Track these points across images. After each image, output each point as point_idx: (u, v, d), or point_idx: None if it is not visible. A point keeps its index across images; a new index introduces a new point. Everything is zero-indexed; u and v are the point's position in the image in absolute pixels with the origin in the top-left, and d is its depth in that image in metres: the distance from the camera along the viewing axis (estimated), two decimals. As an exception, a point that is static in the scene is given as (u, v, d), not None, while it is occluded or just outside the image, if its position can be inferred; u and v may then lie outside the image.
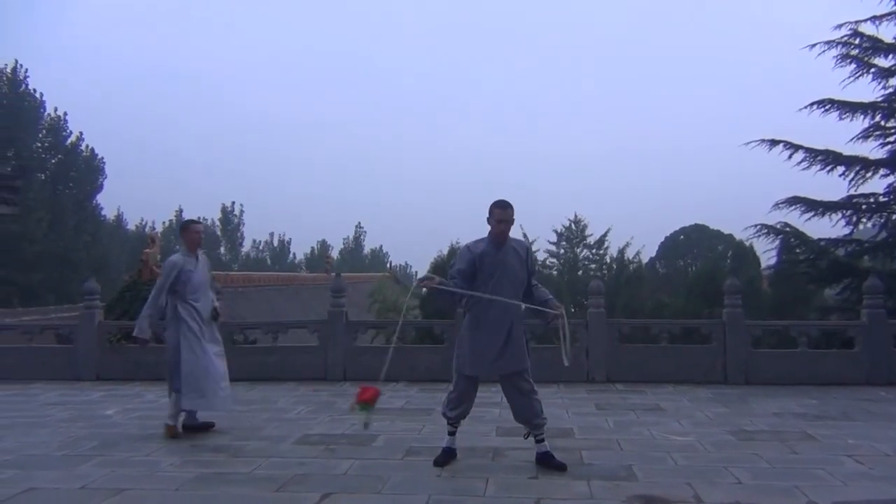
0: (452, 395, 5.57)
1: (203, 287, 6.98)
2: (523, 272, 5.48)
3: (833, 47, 14.67)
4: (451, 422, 5.62)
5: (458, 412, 5.58)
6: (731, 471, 5.23)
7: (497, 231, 5.35)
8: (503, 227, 5.34)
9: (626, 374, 9.72)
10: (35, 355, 11.09)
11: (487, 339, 5.32)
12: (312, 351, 10.51)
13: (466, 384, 5.52)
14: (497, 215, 5.32)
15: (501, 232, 5.35)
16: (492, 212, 5.36)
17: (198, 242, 7.13)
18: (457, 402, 5.55)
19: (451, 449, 5.61)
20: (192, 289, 6.85)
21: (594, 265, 27.74)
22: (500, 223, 5.33)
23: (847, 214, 14.36)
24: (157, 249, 15.66)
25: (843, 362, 9.55)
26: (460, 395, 5.53)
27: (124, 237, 48.04)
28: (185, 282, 6.81)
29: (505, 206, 5.33)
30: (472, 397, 5.63)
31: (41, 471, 5.48)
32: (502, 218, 5.32)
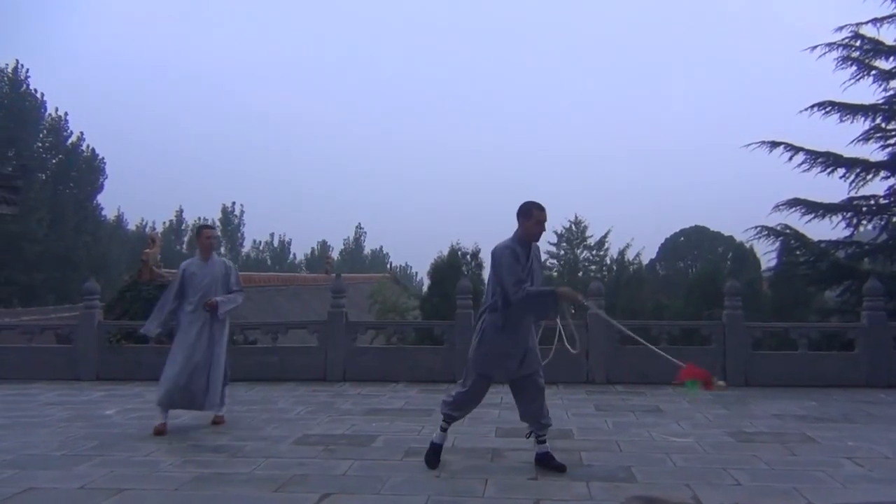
0: (463, 395, 5.46)
1: (210, 289, 7.16)
2: (541, 271, 5.53)
3: (834, 49, 14.70)
4: (447, 419, 5.56)
5: (462, 413, 5.57)
6: (730, 472, 5.23)
7: (536, 232, 5.35)
8: (540, 229, 5.35)
9: (625, 376, 9.72)
10: (35, 355, 11.11)
11: (515, 341, 5.28)
12: (312, 351, 10.52)
13: (482, 385, 5.48)
14: (537, 216, 5.30)
15: (538, 234, 5.37)
16: (530, 213, 5.30)
17: (209, 246, 7.41)
18: (465, 403, 5.51)
19: (440, 446, 5.55)
20: (194, 291, 7.09)
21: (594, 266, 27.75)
22: (539, 224, 5.32)
23: (847, 216, 14.37)
24: (157, 249, 15.69)
25: (843, 364, 9.55)
26: (473, 396, 5.49)
27: (124, 237, 48.07)
28: (188, 284, 7.13)
29: (541, 208, 5.33)
30: (481, 400, 5.60)
31: (41, 470, 5.48)
32: (541, 219, 5.32)
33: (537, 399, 5.40)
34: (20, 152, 34.74)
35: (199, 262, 7.31)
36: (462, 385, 5.54)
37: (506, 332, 5.28)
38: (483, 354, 5.36)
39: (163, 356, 10.34)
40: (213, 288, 7.19)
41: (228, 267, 7.52)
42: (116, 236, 45.38)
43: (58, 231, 33.85)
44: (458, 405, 5.51)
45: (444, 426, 5.58)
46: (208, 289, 7.16)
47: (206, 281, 7.18)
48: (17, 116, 35.18)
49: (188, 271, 7.22)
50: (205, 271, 7.24)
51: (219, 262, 7.48)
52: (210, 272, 7.25)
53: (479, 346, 5.39)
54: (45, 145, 37.25)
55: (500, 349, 5.30)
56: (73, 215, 35.41)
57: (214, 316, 7.13)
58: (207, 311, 7.07)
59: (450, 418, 5.56)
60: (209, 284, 7.18)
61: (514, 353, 5.29)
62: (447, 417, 5.55)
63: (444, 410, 5.56)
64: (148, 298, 13.43)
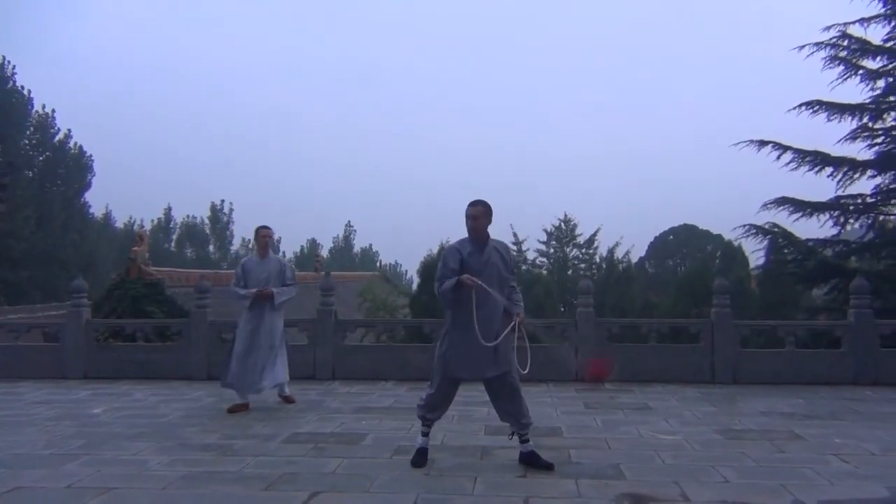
0: (432, 396, 5.52)
1: (267, 284, 7.88)
2: (506, 272, 5.48)
3: (822, 49, 14.79)
4: (427, 423, 5.59)
5: (436, 414, 5.58)
6: (718, 470, 5.25)
7: (468, 228, 5.38)
8: (471, 224, 5.36)
9: (614, 373, 9.73)
10: (22, 354, 11.03)
11: (477, 342, 5.21)
12: (301, 350, 10.46)
13: (449, 386, 5.51)
14: (466, 213, 5.38)
15: (472, 228, 5.37)
16: (466, 211, 5.42)
17: (265, 244, 8.15)
18: (436, 405, 5.54)
19: (425, 449, 5.57)
20: (253, 286, 7.87)
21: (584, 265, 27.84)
22: (468, 219, 5.37)
23: (835, 215, 14.46)
24: (145, 248, 15.59)
25: (830, 362, 9.61)
26: (442, 397, 5.52)
27: (112, 235, 47.76)
28: (247, 279, 7.93)
29: (474, 203, 5.38)
30: (452, 399, 5.63)
31: (27, 470, 5.44)
32: (469, 214, 5.36)
33: (514, 399, 5.41)
34: (7, 150, 34.44)
35: (256, 260, 8.11)
36: (430, 386, 5.58)
37: (459, 330, 5.31)
38: (442, 354, 5.43)
39: (151, 355, 10.35)
40: (269, 283, 7.90)
41: (283, 264, 8.26)
42: (104, 234, 45.07)
43: (45, 229, 33.63)
44: (429, 407, 5.54)
45: (424, 430, 5.59)
46: (265, 284, 7.87)
47: (264, 276, 7.92)
48: (3, 113, 34.85)
49: (246, 267, 8.04)
50: (262, 267, 7.99)
51: (274, 259, 8.26)
52: (266, 268, 7.99)
53: (440, 346, 5.50)
54: (31, 143, 36.96)
55: (458, 348, 5.34)
56: (61, 213, 35.19)
57: (271, 306, 7.86)
58: (263, 300, 7.78)
59: (425, 420, 5.57)
60: (266, 280, 7.91)
61: (480, 355, 5.24)
62: (423, 420, 5.58)
63: (419, 413, 5.61)
64: (135, 297, 13.38)
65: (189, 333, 10.68)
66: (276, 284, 7.93)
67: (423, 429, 5.58)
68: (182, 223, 60.90)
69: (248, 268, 8.03)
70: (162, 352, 10.82)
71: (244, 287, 7.90)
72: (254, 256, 8.24)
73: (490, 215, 5.41)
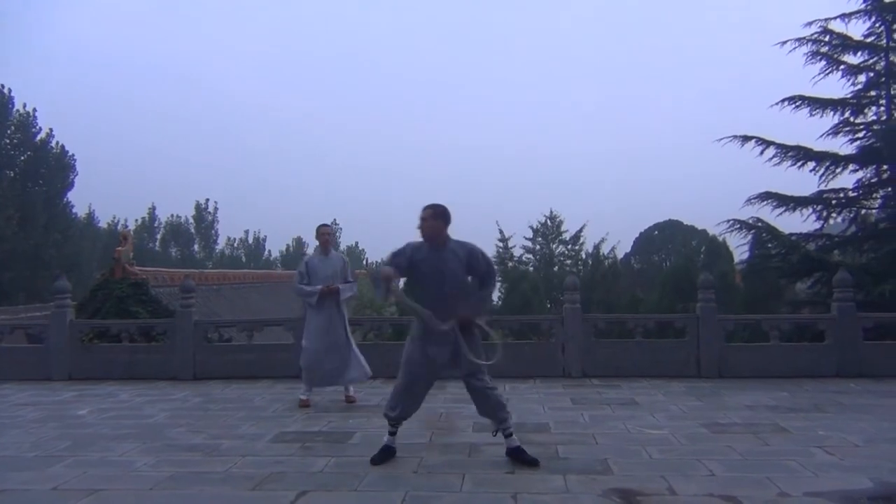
0: (395, 390, 5.60)
1: (331, 281, 8.05)
2: (463, 274, 5.47)
3: (803, 44, 14.93)
4: (391, 422, 5.61)
5: (397, 412, 5.57)
6: (704, 463, 5.29)
7: (420, 230, 5.44)
8: (420, 225, 5.41)
9: (601, 369, 9.77)
10: (6, 355, 10.90)
11: (436, 344, 5.38)
12: (288, 349, 10.43)
13: (410, 382, 5.56)
14: (420, 215, 5.43)
15: (421, 230, 5.42)
16: None
17: (326, 242, 8.27)
18: (397, 400, 5.56)
19: (389, 447, 5.58)
20: (317, 283, 8.03)
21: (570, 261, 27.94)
22: (420, 221, 5.42)
23: (818, 209, 14.58)
24: (129, 247, 15.49)
25: (814, 355, 9.69)
26: (402, 392, 5.55)
27: (96, 235, 47.33)
28: (312, 276, 8.10)
29: (426, 207, 5.43)
30: (416, 398, 5.64)
31: (12, 472, 5.40)
32: (421, 216, 5.42)
33: (489, 398, 5.45)
34: None
35: (319, 257, 8.26)
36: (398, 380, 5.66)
37: (428, 335, 5.44)
38: (410, 353, 5.58)
39: (136, 355, 10.28)
40: (333, 280, 8.09)
41: (345, 261, 8.46)
42: (87, 234, 44.66)
43: (27, 229, 33.26)
44: (392, 403, 5.59)
45: (390, 430, 5.63)
46: (329, 280, 8.05)
47: (328, 273, 8.11)
48: (-17, 113, 34.51)
49: (311, 265, 8.21)
50: (325, 264, 8.18)
51: (337, 256, 8.43)
52: (331, 265, 8.20)
53: (409, 344, 5.67)
54: (13, 142, 36.49)
55: (423, 350, 5.47)
56: (43, 213, 34.80)
57: (336, 302, 8.06)
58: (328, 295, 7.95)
59: (391, 420, 5.61)
60: (330, 276, 8.10)
61: (438, 356, 5.39)
62: (388, 420, 5.62)
63: (384, 411, 5.68)
64: (120, 297, 13.28)
65: (174, 333, 10.61)
66: (340, 281, 8.13)
67: (390, 428, 5.64)
68: (166, 222, 60.48)
69: (312, 265, 8.18)
70: (147, 352, 10.75)
71: (308, 284, 8.04)
72: (316, 254, 8.36)
73: (441, 218, 5.41)
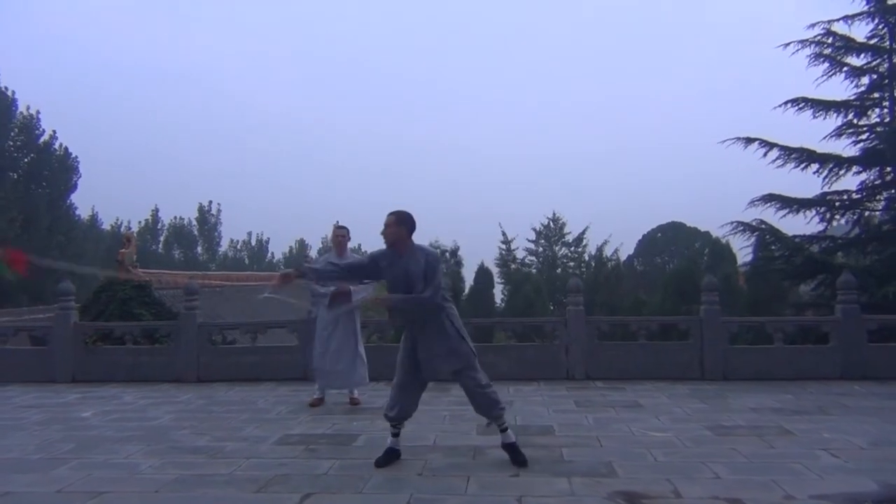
0: (392, 390, 5.70)
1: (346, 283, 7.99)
2: (417, 280, 5.48)
3: (806, 46, 14.89)
4: (392, 423, 5.66)
5: (395, 412, 5.60)
6: (709, 466, 5.28)
7: (383, 236, 5.54)
8: (384, 231, 5.51)
9: (605, 372, 9.77)
10: (9, 357, 10.93)
11: (418, 346, 5.53)
12: (292, 351, 10.46)
13: (400, 381, 5.64)
14: (384, 221, 5.53)
15: (385, 237, 5.52)
16: None
17: (340, 244, 8.32)
18: (394, 400, 5.62)
19: (392, 449, 5.62)
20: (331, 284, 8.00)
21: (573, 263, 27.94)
22: (383, 227, 5.52)
23: (821, 211, 14.55)
24: (132, 249, 15.54)
25: (818, 358, 9.67)
26: (397, 391, 5.63)
27: (99, 237, 47.46)
28: None
29: (390, 213, 5.53)
30: (411, 397, 5.67)
31: (17, 475, 5.41)
32: (385, 222, 5.51)
33: (480, 397, 5.49)
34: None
35: (334, 258, 8.01)
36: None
37: (407, 339, 5.65)
38: (399, 354, 5.71)
39: (140, 357, 10.29)
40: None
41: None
42: (91, 236, 44.79)
43: (30, 231, 33.34)
44: (389, 403, 5.66)
45: (393, 431, 5.67)
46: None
47: None
48: (-13, 115, 34.60)
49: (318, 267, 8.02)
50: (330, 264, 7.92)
51: (351, 257, 8.25)
52: None
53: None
54: (16, 144, 36.60)
55: (402, 348, 5.66)
56: (46, 215, 34.90)
57: (348, 304, 8.01)
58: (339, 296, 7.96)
59: (390, 420, 5.64)
60: None
61: (424, 356, 5.50)
62: (388, 420, 5.66)
63: (384, 412, 5.74)
64: (124, 299, 13.31)
65: (178, 336, 10.62)
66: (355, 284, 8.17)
67: (392, 430, 5.68)
68: (170, 224, 60.65)
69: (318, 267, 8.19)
70: (151, 354, 10.77)
71: (323, 286, 8.10)
72: (331, 255, 8.39)
73: (404, 224, 5.49)
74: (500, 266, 26.81)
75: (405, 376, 5.62)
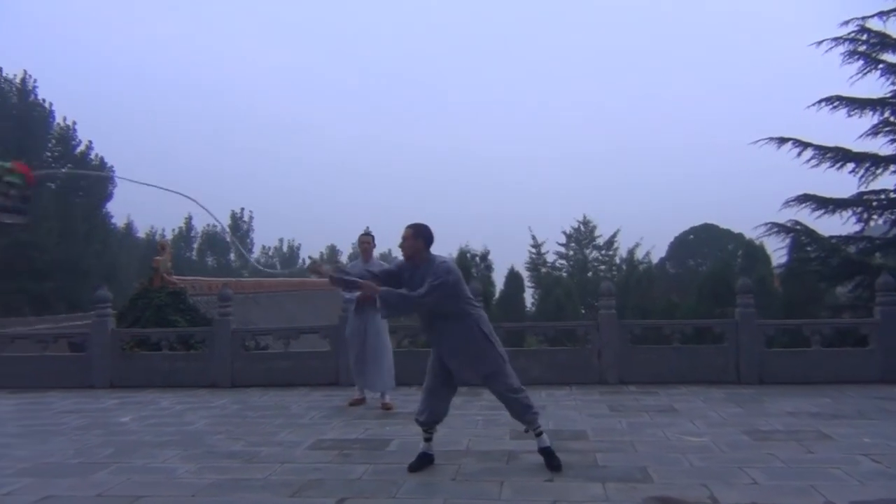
0: (422, 394, 5.71)
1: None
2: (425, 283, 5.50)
3: (840, 44, 14.65)
4: (423, 427, 5.67)
5: (425, 416, 5.61)
6: (746, 471, 5.21)
7: (402, 249, 5.64)
8: (402, 244, 5.61)
9: (638, 376, 9.69)
10: (49, 364, 11.17)
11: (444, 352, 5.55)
12: (324, 356, 10.53)
13: (429, 383, 5.64)
14: (402, 234, 5.61)
15: (403, 250, 5.63)
16: None
17: (366, 250, 8.57)
18: (424, 404, 5.63)
19: (425, 454, 5.63)
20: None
21: (603, 266, 27.76)
22: (401, 240, 5.62)
23: (858, 211, 14.31)
24: (167, 257, 15.75)
25: (856, 360, 9.49)
26: (426, 395, 5.63)
27: (134, 245, 48.28)
28: None
29: (408, 226, 5.60)
30: (441, 401, 5.66)
31: (58, 479, 5.52)
32: (402, 235, 5.60)
33: (508, 401, 5.50)
34: (29, 162, 34.34)
35: (361, 265, 8.25)
36: None
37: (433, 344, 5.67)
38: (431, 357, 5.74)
39: (176, 363, 10.45)
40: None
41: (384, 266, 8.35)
42: (126, 244, 45.59)
43: (68, 240, 33.98)
44: (419, 408, 5.68)
45: (425, 436, 5.69)
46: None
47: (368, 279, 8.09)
48: (25, 126, 35.29)
49: (352, 272, 8.20)
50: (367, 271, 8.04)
51: (377, 263, 8.44)
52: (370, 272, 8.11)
53: None
54: (53, 155, 37.34)
55: (433, 351, 5.70)
56: (83, 224, 35.55)
57: (374, 308, 7.99)
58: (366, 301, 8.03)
59: (421, 425, 5.66)
60: None
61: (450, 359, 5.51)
62: (419, 425, 5.69)
63: (414, 417, 5.75)
64: (159, 305, 13.52)
65: (213, 341, 10.76)
66: None
67: (424, 434, 5.70)
68: (203, 232, 61.39)
69: (353, 273, 8.25)
70: (186, 360, 10.92)
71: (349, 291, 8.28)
72: (359, 261, 8.57)
73: (422, 237, 5.56)
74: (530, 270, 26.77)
75: (434, 381, 5.63)
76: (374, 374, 8.33)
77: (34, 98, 36.72)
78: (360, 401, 8.53)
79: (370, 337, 8.33)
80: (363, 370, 8.38)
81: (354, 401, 8.53)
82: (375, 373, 8.32)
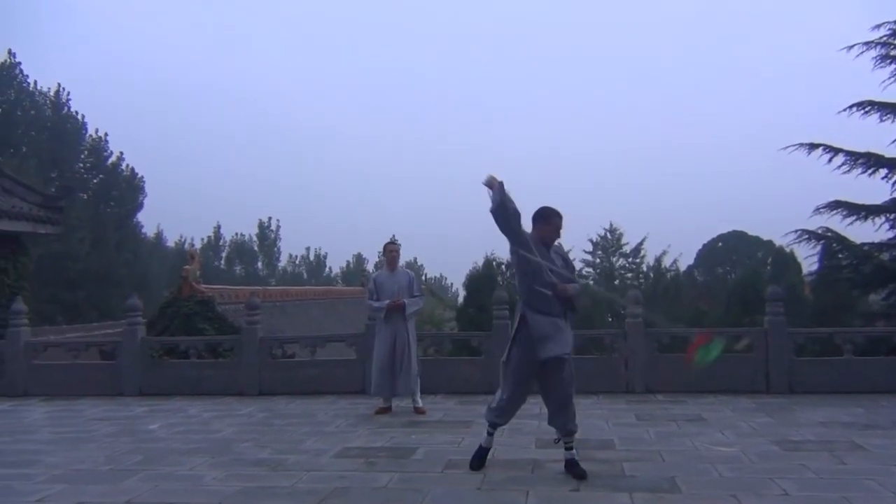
0: (503, 400, 5.62)
1: (396, 295, 8.50)
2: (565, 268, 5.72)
3: (872, 48, 14.41)
4: (493, 426, 5.72)
5: (505, 419, 5.69)
6: (777, 482, 5.13)
7: (552, 239, 5.68)
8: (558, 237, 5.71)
9: (666, 385, 9.59)
10: (80, 371, 11.34)
11: (550, 321, 5.41)
12: (350, 364, 10.56)
13: (518, 384, 5.53)
14: (556, 224, 5.63)
15: (554, 240, 5.69)
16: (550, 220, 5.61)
17: (392, 259, 8.77)
18: (506, 408, 5.63)
19: (486, 449, 5.71)
20: (384, 298, 8.51)
21: (630, 274, 27.51)
22: (557, 231, 5.67)
23: (891, 218, 14.02)
24: (196, 265, 15.93)
25: (890, 369, 9.31)
26: (510, 398, 5.58)
27: (164, 254, 48.82)
28: (379, 292, 8.57)
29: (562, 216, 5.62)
30: (523, 399, 5.68)
31: (88, 485, 5.59)
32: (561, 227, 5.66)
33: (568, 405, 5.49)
34: (62, 173, 35.48)
35: (386, 273, 8.73)
36: (502, 392, 5.71)
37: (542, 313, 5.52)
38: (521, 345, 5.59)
39: (204, 371, 10.54)
40: (400, 294, 8.51)
41: (411, 276, 8.87)
42: (156, 253, 46.12)
43: (99, 249, 34.50)
44: (500, 412, 5.71)
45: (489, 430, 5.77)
46: (396, 295, 8.50)
47: (395, 289, 8.55)
48: (59, 138, 36.00)
49: (378, 281, 8.71)
50: (392, 280, 8.63)
51: (403, 272, 8.88)
52: (396, 281, 8.63)
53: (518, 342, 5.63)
54: (86, 165, 38.00)
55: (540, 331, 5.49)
56: (114, 233, 36.08)
57: (402, 316, 8.44)
58: (394, 309, 8.39)
59: (493, 425, 5.75)
60: (396, 292, 8.53)
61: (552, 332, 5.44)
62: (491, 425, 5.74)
63: (490, 419, 5.76)
64: (188, 314, 13.67)
65: (240, 350, 10.85)
66: (406, 296, 8.53)
67: (489, 429, 5.73)
68: (231, 241, 61.91)
69: (380, 282, 8.67)
70: (214, 368, 11.02)
71: (377, 300, 8.52)
72: (384, 271, 8.83)
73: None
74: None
75: (524, 388, 5.60)
76: (403, 380, 8.39)
77: (67, 111, 37.43)
78: (385, 410, 8.55)
79: (401, 343, 8.43)
80: (390, 378, 8.40)
81: (380, 409, 8.55)
82: (405, 379, 8.38)
